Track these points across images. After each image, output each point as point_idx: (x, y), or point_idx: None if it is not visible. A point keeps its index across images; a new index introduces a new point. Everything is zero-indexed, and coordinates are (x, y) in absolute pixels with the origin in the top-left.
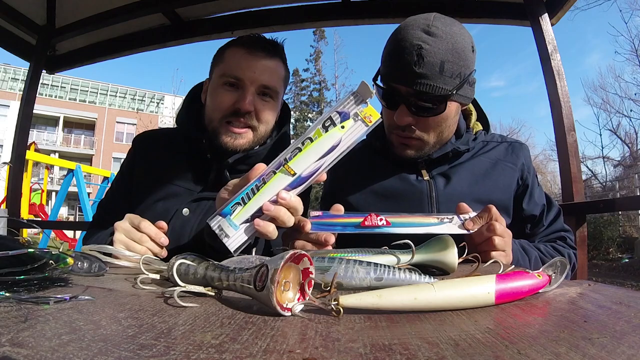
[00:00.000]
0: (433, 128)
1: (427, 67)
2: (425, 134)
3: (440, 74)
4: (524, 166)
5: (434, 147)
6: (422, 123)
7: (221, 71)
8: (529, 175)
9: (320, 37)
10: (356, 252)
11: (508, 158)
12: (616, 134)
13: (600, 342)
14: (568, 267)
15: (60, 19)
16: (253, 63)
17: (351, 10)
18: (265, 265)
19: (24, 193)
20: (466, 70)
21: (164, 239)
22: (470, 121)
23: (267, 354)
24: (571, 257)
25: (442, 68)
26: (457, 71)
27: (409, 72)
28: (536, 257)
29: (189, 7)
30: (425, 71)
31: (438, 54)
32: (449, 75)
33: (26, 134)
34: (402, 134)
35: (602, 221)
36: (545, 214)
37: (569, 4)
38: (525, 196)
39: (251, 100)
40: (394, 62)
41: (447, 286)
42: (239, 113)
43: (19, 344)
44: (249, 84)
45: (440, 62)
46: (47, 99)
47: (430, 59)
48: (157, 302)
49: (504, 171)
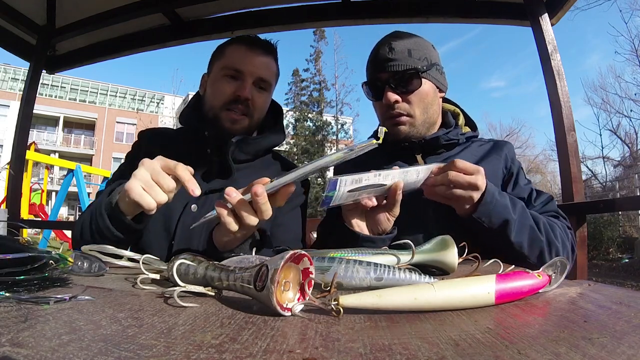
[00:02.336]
0: (417, 103)
1: (397, 54)
2: (412, 109)
3: (409, 56)
4: (507, 157)
5: (423, 125)
6: (406, 100)
7: (222, 64)
8: (513, 165)
9: (320, 37)
10: (356, 252)
11: (494, 152)
12: (616, 134)
13: (600, 342)
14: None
15: (60, 19)
16: (252, 58)
17: (351, 10)
18: (265, 265)
19: (24, 193)
20: (431, 58)
21: (197, 190)
22: (458, 120)
23: (267, 354)
24: (567, 232)
25: (409, 53)
26: (424, 55)
27: (384, 60)
28: (523, 207)
29: (189, 7)
30: (396, 56)
31: (405, 45)
32: (417, 58)
33: (26, 134)
34: (393, 113)
35: (602, 221)
36: (534, 196)
37: (569, 4)
38: (510, 182)
39: (250, 90)
40: (374, 61)
41: (447, 286)
42: (238, 100)
43: (19, 344)
44: (248, 76)
45: (407, 49)
46: (47, 99)
47: (399, 48)
48: (157, 302)
49: (491, 163)
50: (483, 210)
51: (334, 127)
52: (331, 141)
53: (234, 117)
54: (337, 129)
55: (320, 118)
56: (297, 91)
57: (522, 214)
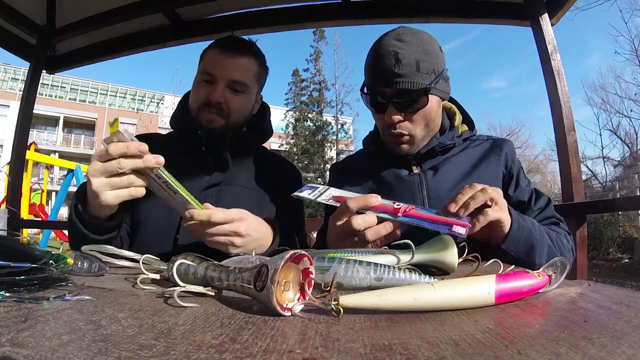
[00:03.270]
0: (420, 122)
1: (405, 67)
2: (414, 128)
3: (417, 71)
4: (507, 156)
5: (423, 140)
6: (410, 119)
7: (200, 69)
8: (514, 165)
9: (320, 37)
10: (356, 252)
11: (493, 151)
12: (616, 134)
13: (600, 342)
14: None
15: (60, 19)
16: (225, 61)
17: (351, 10)
18: (265, 265)
19: (24, 193)
20: (439, 67)
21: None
22: (455, 121)
23: (267, 354)
24: (568, 239)
25: (418, 66)
26: (432, 68)
27: (390, 74)
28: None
29: (189, 7)
30: (404, 71)
31: (412, 55)
32: (425, 72)
33: (26, 134)
34: (394, 133)
35: (602, 221)
36: (533, 200)
37: (569, 4)
38: (511, 184)
39: (221, 93)
40: (377, 70)
41: (447, 286)
42: (210, 104)
43: (19, 344)
44: (220, 80)
45: (415, 61)
46: (47, 99)
47: (407, 60)
48: (157, 302)
49: (490, 164)
50: (512, 240)
51: (334, 127)
52: (331, 141)
53: (209, 117)
54: (337, 129)
55: (320, 118)
56: (297, 91)
57: (541, 234)
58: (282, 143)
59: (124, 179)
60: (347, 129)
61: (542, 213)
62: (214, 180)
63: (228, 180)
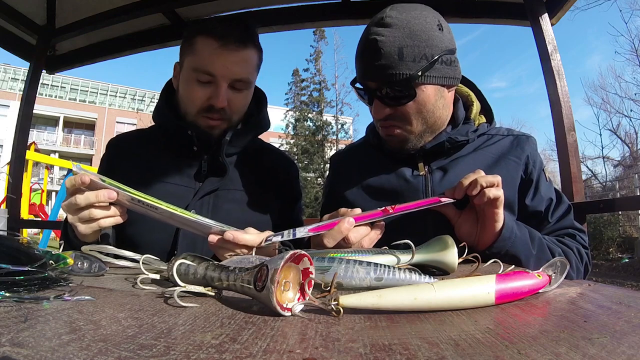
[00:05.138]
0: (412, 115)
1: (385, 57)
2: (406, 122)
3: (400, 60)
4: (528, 159)
5: (421, 136)
6: (400, 112)
7: (193, 64)
8: (534, 168)
9: (320, 37)
10: (356, 252)
11: (513, 152)
12: (616, 134)
13: (600, 342)
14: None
15: (60, 19)
16: (225, 57)
17: (351, 10)
18: (265, 265)
19: (24, 193)
20: (432, 50)
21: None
22: (471, 112)
23: (267, 354)
24: (581, 253)
25: (400, 54)
26: (420, 53)
27: (370, 67)
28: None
29: (189, 7)
30: (384, 62)
31: (394, 42)
32: (411, 60)
33: (26, 134)
34: (385, 125)
35: (602, 221)
36: (552, 209)
37: (569, 4)
38: (530, 191)
39: (224, 97)
40: (359, 62)
41: (447, 286)
42: (213, 109)
43: (19, 344)
44: (222, 80)
45: (397, 49)
46: (47, 99)
47: (387, 49)
48: (157, 302)
49: (508, 166)
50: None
51: (334, 127)
52: (331, 141)
53: (211, 123)
54: (337, 129)
55: (320, 118)
56: (297, 91)
57: (541, 248)
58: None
59: (86, 213)
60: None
61: (558, 223)
62: (209, 187)
63: (225, 185)
